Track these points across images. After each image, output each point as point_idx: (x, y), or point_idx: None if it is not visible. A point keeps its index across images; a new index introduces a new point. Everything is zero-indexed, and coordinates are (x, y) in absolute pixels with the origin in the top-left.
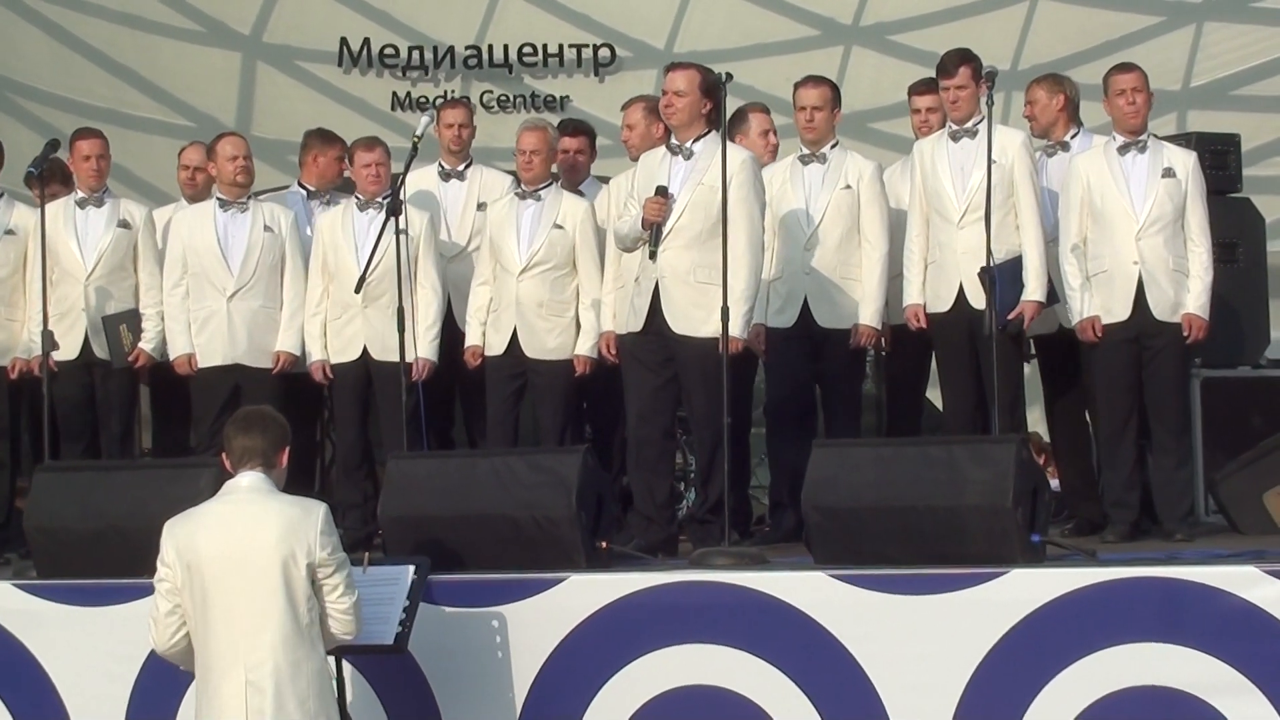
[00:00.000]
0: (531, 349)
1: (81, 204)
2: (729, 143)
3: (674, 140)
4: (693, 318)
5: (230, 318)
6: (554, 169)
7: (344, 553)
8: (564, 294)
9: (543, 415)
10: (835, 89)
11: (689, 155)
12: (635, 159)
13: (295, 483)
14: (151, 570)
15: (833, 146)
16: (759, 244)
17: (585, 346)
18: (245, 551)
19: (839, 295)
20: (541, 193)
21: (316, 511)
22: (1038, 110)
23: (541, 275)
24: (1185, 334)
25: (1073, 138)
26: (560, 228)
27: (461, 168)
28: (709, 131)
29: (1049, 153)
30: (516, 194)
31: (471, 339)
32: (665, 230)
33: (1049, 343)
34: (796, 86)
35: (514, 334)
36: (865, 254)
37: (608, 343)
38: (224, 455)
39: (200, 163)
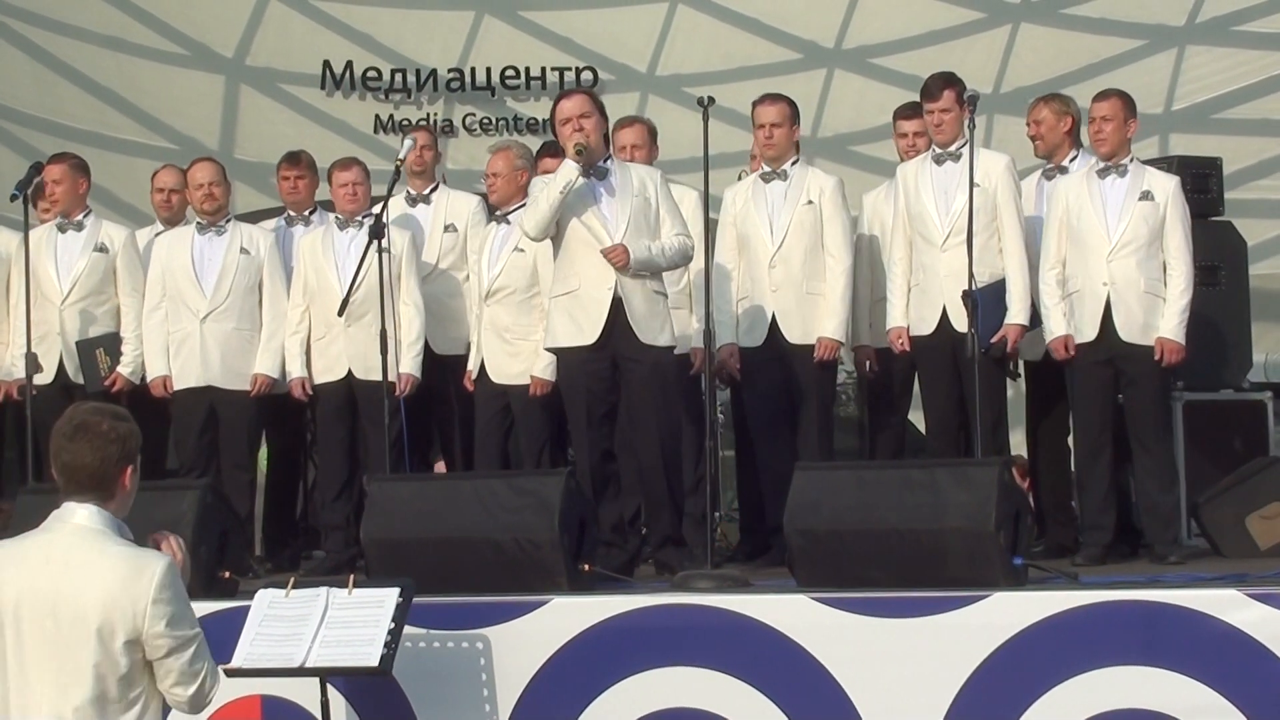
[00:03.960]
0: (497, 374)
1: (62, 228)
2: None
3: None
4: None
5: (203, 340)
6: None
7: (189, 628)
8: (530, 317)
9: (520, 439)
10: (794, 105)
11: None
12: None
13: (279, 505)
14: None
15: (793, 163)
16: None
17: (539, 368)
18: (58, 604)
19: (806, 311)
20: (511, 216)
21: (151, 573)
22: (1044, 130)
23: (506, 299)
24: (1157, 358)
25: (1072, 160)
26: (521, 250)
27: (427, 191)
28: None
29: (1048, 176)
30: (493, 219)
31: (470, 363)
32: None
33: (1038, 368)
34: (755, 104)
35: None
36: (829, 267)
37: None
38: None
39: (175, 185)
